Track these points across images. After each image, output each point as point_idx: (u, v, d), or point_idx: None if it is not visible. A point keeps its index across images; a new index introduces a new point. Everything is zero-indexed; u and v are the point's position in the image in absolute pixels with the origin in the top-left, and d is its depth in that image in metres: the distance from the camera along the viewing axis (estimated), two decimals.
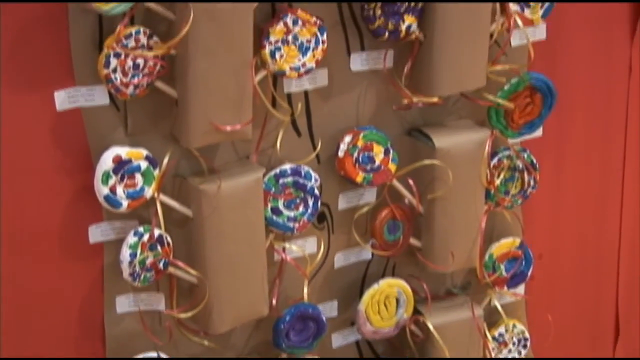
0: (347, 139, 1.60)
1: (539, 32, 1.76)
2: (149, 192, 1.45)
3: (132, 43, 1.37)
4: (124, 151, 1.41)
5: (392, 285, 1.71)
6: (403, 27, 1.56)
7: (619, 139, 1.96)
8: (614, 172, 1.98)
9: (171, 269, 1.51)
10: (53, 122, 1.40)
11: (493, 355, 1.83)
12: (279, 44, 1.48)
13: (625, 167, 1.98)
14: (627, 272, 2.06)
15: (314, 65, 1.52)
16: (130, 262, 1.45)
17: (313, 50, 1.51)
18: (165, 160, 1.46)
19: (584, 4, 1.80)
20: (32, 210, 1.43)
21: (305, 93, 1.58)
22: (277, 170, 1.56)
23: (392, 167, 1.64)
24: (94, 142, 1.43)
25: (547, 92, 1.72)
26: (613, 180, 1.99)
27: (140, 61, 1.39)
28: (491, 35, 1.64)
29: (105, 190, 1.40)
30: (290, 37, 1.48)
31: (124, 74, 1.38)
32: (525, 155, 1.77)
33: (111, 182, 1.41)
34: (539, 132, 1.81)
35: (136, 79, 1.39)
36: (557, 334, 1.90)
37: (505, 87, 1.69)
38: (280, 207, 1.57)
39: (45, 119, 1.40)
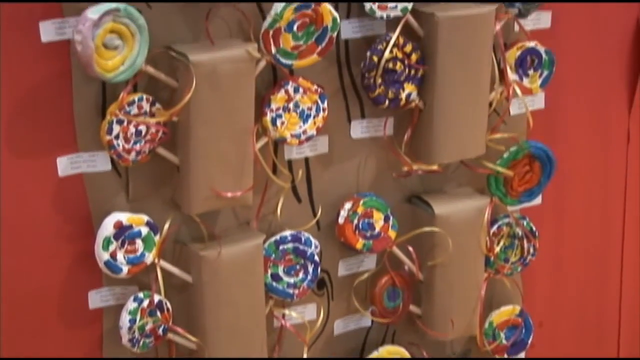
0: (347, 205, 1.61)
1: (538, 101, 1.78)
2: (149, 257, 1.45)
3: (134, 110, 1.38)
4: (125, 217, 1.42)
5: (392, 353, 1.70)
6: (403, 95, 1.58)
7: (618, 207, 1.97)
8: (613, 240, 1.99)
9: (170, 335, 1.50)
10: (55, 187, 1.41)
11: None
12: (280, 111, 1.50)
13: (625, 235, 1.99)
14: (629, 343, 2.05)
15: (314, 133, 1.54)
16: (130, 328, 1.44)
17: (314, 117, 1.53)
18: (166, 226, 1.46)
19: (582, 74, 1.82)
20: (32, 275, 1.43)
21: (306, 160, 1.59)
22: (278, 237, 1.57)
23: (392, 234, 1.65)
24: (96, 207, 1.44)
25: (546, 160, 1.73)
26: (613, 248, 1.99)
27: (142, 128, 1.40)
28: (490, 104, 1.66)
29: (105, 256, 1.40)
30: (291, 105, 1.50)
31: (127, 140, 1.39)
32: (525, 223, 1.77)
33: (112, 247, 1.41)
34: (538, 200, 1.81)
35: (138, 145, 1.40)
36: None
37: (505, 155, 1.71)
38: (280, 273, 1.57)
39: (48, 185, 1.41)
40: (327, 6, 1.44)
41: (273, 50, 1.44)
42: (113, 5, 1.29)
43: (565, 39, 1.77)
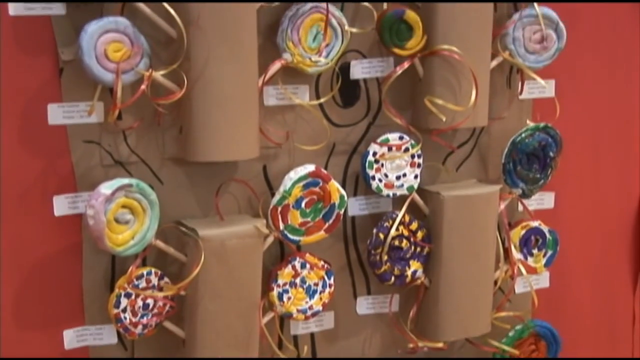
0: None
1: (543, 280, 1.79)
2: None
3: (143, 283, 1.39)
4: None
5: None
6: (409, 273, 1.59)
7: None
8: None
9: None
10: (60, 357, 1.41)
11: None
12: (287, 287, 1.50)
13: None
14: None
15: (320, 308, 1.54)
16: None
17: (320, 293, 1.53)
18: None
19: (586, 254, 1.84)
20: None
21: (312, 335, 1.59)
22: None
23: None
24: None
25: (552, 339, 1.73)
26: None
27: (150, 301, 1.41)
28: (495, 282, 1.67)
29: None
30: (298, 280, 1.51)
31: (134, 313, 1.39)
32: None
33: None
34: None
35: (145, 318, 1.41)
36: None
37: (510, 334, 1.70)
38: None
39: (53, 355, 1.40)
40: (335, 184, 1.48)
41: (281, 226, 1.46)
42: (126, 180, 1.33)
43: (569, 219, 1.79)
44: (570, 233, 1.78)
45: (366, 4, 1.49)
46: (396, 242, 1.57)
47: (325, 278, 1.54)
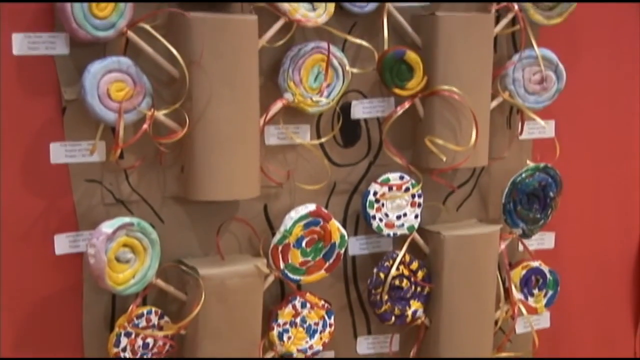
0: None
1: (543, 321, 1.79)
2: None
3: (143, 322, 1.39)
4: None
5: None
6: (409, 313, 1.59)
7: None
8: None
9: None
10: None
11: None
12: (287, 326, 1.50)
13: None
14: None
15: (320, 348, 1.53)
16: None
17: (320, 333, 1.53)
18: None
19: (587, 295, 1.84)
20: None
21: None
22: None
23: None
24: None
25: None
26: None
27: (150, 341, 1.40)
28: (496, 322, 1.66)
29: None
30: (298, 320, 1.51)
31: (134, 352, 1.39)
32: None
33: None
34: None
35: (145, 358, 1.40)
36: None
37: None
38: None
39: None
40: (335, 223, 1.48)
41: (282, 265, 1.46)
42: (127, 219, 1.33)
43: (569, 260, 1.79)
44: (570, 273, 1.78)
45: (367, 44, 1.50)
46: (397, 282, 1.57)
47: (326, 317, 1.53)
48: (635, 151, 1.84)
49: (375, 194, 1.54)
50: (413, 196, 1.56)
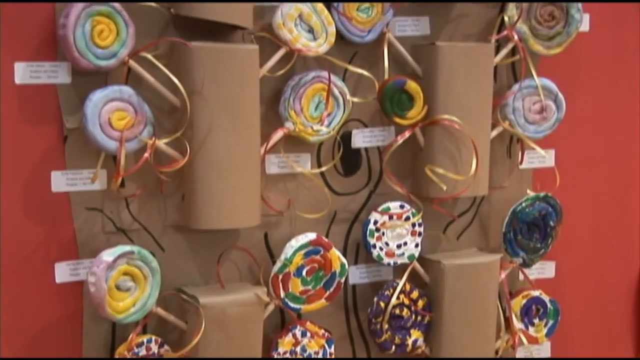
0: None
1: (544, 350, 1.78)
2: None
3: (143, 351, 1.39)
4: None
5: None
6: (409, 342, 1.59)
7: None
8: None
9: None
10: None
11: None
12: (287, 355, 1.50)
13: None
14: None
15: None
16: None
17: None
18: None
19: (587, 324, 1.83)
20: None
21: None
22: None
23: None
24: None
25: None
26: None
27: None
28: (496, 352, 1.66)
29: None
30: (298, 349, 1.51)
31: None
32: None
33: None
34: None
35: None
36: None
37: None
38: None
39: None
40: (336, 252, 1.48)
41: (282, 294, 1.46)
42: (128, 248, 1.33)
43: (570, 289, 1.79)
44: (571, 303, 1.78)
45: (367, 73, 1.51)
46: (397, 311, 1.57)
47: (326, 347, 1.53)
48: (635, 180, 1.84)
49: (375, 222, 1.54)
50: (413, 225, 1.57)
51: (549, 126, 1.65)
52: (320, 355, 1.52)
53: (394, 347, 1.58)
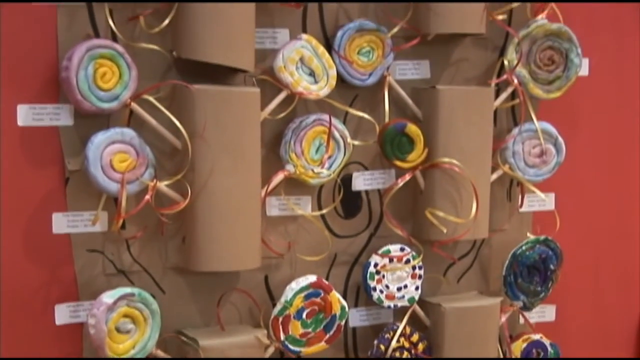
0: None
1: None
2: None
3: None
4: None
5: None
6: None
7: None
8: None
9: None
10: None
11: None
12: None
13: None
14: None
15: None
16: None
17: None
18: None
19: None
20: None
21: None
22: None
23: None
24: None
25: None
26: None
27: None
28: None
29: None
30: None
31: None
32: None
33: None
34: None
35: None
36: None
37: None
38: None
39: None
40: (336, 295, 1.48)
41: (282, 337, 1.46)
42: (128, 290, 1.33)
43: (570, 333, 1.79)
44: (571, 347, 1.77)
45: (368, 117, 1.51)
46: (397, 354, 1.56)
47: None
48: (636, 224, 1.84)
49: (375, 265, 1.54)
50: (414, 268, 1.57)
51: (549, 169, 1.65)
52: None
53: None
